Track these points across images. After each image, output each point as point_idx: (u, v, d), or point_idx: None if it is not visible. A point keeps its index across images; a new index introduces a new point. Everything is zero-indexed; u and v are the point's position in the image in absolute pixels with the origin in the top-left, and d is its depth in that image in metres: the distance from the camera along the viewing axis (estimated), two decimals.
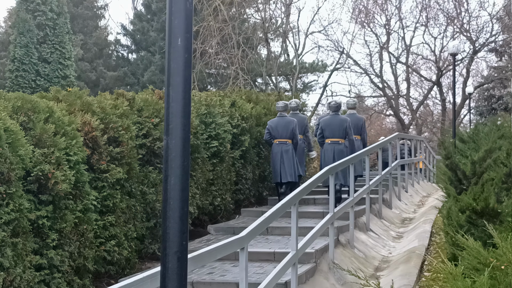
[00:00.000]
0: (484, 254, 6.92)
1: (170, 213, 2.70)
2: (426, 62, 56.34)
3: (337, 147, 16.07)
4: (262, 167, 17.54)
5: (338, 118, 16.31)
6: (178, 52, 2.76)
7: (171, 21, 2.77)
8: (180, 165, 2.73)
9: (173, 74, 2.75)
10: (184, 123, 2.75)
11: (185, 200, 2.72)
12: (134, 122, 11.96)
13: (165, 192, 2.72)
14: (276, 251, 11.58)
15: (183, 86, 2.76)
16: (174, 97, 2.75)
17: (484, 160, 10.83)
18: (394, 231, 15.93)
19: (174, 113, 2.75)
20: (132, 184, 11.54)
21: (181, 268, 2.70)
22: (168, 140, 2.74)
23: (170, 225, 2.71)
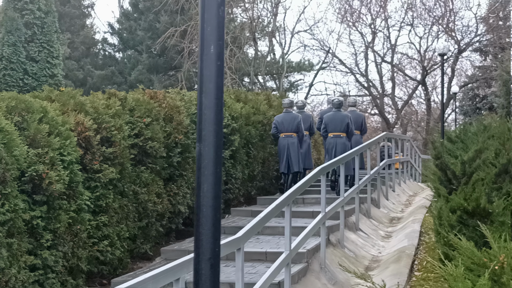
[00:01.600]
0: (478, 254, 6.95)
1: (203, 220, 2.69)
2: (411, 62, 56.56)
3: (339, 140, 17.40)
4: (251, 167, 17.55)
5: (340, 114, 17.63)
6: (210, 60, 2.75)
7: (203, 28, 2.76)
8: (213, 172, 2.72)
9: (206, 81, 2.74)
10: (217, 130, 2.74)
11: (218, 207, 2.72)
12: (126, 122, 11.94)
13: (198, 199, 2.71)
14: (268, 251, 11.59)
15: (216, 93, 2.75)
16: (206, 104, 2.74)
17: (473, 160, 10.88)
18: (383, 230, 15.97)
19: (207, 120, 2.74)
20: (124, 184, 11.54)
21: (214, 275, 2.70)
22: (201, 147, 2.73)
23: (203, 231, 2.70)
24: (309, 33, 59.23)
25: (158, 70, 40.70)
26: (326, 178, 12.57)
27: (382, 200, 18.73)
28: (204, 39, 2.76)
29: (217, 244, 2.74)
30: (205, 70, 2.75)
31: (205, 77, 2.74)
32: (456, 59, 51.93)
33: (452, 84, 51.42)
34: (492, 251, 6.81)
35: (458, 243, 7.33)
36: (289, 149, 17.48)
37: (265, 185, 18.96)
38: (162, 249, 12.54)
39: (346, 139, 17.53)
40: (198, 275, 2.71)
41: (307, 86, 51.50)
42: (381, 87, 55.93)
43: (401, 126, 57.93)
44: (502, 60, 34.73)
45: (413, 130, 60.81)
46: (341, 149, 16.98)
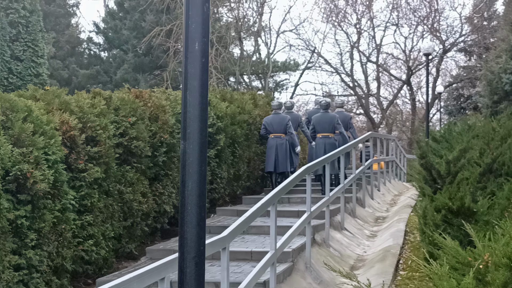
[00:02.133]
0: (462, 253, 6.95)
1: (187, 218, 2.68)
2: (396, 62, 56.68)
3: (328, 140, 17.95)
4: (237, 166, 17.54)
5: (328, 115, 18.20)
6: (195, 57, 2.73)
7: (188, 25, 2.74)
8: (197, 171, 2.71)
9: (191, 78, 2.72)
10: (201, 128, 2.73)
11: (203, 206, 2.71)
12: (111, 121, 11.90)
13: (183, 197, 2.70)
14: (253, 250, 11.59)
15: (200, 91, 2.74)
16: (191, 102, 2.72)
17: (458, 159, 10.92)
18: (368, 230, 15.99)
19: (192, 118, 2.72)
20: (109, 184, 11.50)
21: (199, 273, 2.68)
22: (185, 145, 2.72)
23: (188, 230, 2.68)
24: (294, 33, 59.42)
25: (144, 70, 40.60)
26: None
27: (367, 200, 18.76)
28: (189, 36, 2.74)
29: (202, 243, 2.73)
30: (189, 67, 2.73)
31: (190, 75, 2.72)
32: (441, 59, 52.10)
33: (437, 84, 51.57)
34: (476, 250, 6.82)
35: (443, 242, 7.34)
36: (278, 150, 17.94)
37: (250, 185, 18.95)
38: (148, 249, 12.51)
39: (335, 139, 18.03)
40: (182, 274, 2.70)
41: (293, 85, 51.58)
42: (366, 87, 56.07)
43: (386, 126, 58.06)
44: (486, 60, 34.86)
45: (398, 130, 60.93)
46: (330, 149, 17.29)
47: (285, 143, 18.09)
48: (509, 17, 29.45)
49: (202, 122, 2.73)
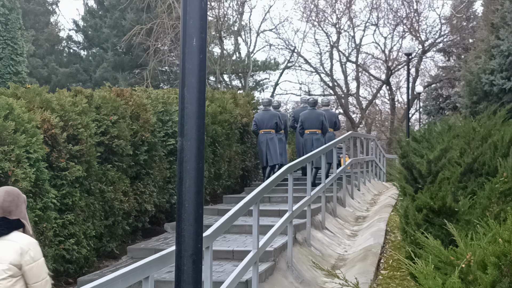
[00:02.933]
0: (445, 253, 6.97)
1: (185, 215, 2.66)
2: (376, 61, 56.81)
3: (315, 136, 18.96)
4: (218, 165, 17.51)
5: (316, 112, 19.26)
6: (193, 53, 2.71)
7: (185, 21, 2.71)
8: (195, 167, 2.69)
9: (188, 74, 2.69)
10: (199, 124, 2.70)
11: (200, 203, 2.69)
12: (92, 119, 11.85)
13: (180, 194, 2.68)
14: (235, 249, 11.58)
15: (198, 87, 2.71)
16: (189, 98, 2.70)
17: (439, 159, 10.94)
18: (349, 229, 16.03)
19: (189, 114, 2.69)
20: (91, 182, 11.46)
21: (196, 271, 2.66)
22: (183, 141, 2.69)
23: (185, 227, 2.66)
24: (274, 32, 59.48)
25: (124, 68, 40.51)
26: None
27: (347, 199, 18.80)
28: (187, 31, 2.72)
29: (200, 240, 2.71)
30: (187, 63, 2.71)
31: (188, 71, 2.70)
32: (420, 59, 52.29)
33: (416, 84, 51.72)
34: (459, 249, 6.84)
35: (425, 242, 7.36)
36: (268, 144, 18.96)
37: (231, 184, 18.94)
38: (129, 248, 12.48)
39: (321, 135, 19.03)
40: (180, 271, 2.68)
41: (273, 85, 51.57)
42: (346, 86, 56.16)
43: (365, 126, 58.20)
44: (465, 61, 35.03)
45: (377, 129, 61.09)
46: (317, 144, 18.29)
47: (274, 138, 19.08)
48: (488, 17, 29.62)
49: (199, 119, 2.71)
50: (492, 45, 27.19)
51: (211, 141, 17.09)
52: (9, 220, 5.74)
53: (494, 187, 8.78)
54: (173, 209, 15.06)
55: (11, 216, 5.77)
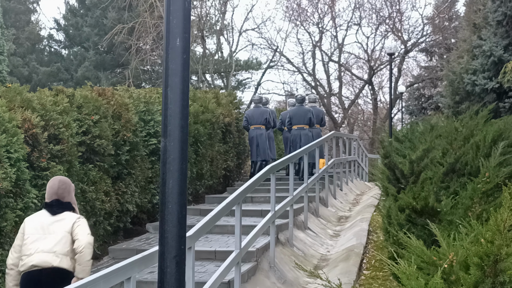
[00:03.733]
0: (427, 253, 6.99)
1: (168, 217, 2.64)
2: (358, 61, 56.91)
3: (303, 131, 19.79)
4: (200, 165, 17.49)
5: (303, 108, 20.11)
6: (176, 53, 2.70)
7: (169, 20, 2.70)
8: (178, 169, 2.68)
9: (171, 75, 2.69)
10: (183, 125, 2.70)
11: (184, 204, 2.68)
12: (74, 119, 11.81)
13: (163, 195, 2.66)
14: (217, 249, 11.57)
15: (182, 87, 2.70)
16: (172, 99, 2.69)
17: (421, 159, 10.97)
18: (331, 229, 16.05)
19: (173, 115, 2.68)
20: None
21: (179, 273, 2.65)
22: (166, 142, 2.68)
23: (168, 229, 2.65)
24: (257, 32, 59.32)
25: (105, 67, 40.38)
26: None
27: (330, 199, 18.83)
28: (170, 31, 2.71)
29: (183, 242, 2.70)
30: (170, 63, 2.70)
31: (171, 71, 2.69)
32: (402, 59, 52.41)
33: (399, 84, 51.88)
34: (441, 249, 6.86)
35: (408, 242, 7.38)
36: (258, 140, 20.01)
37: (213, 184, 18.93)
38: (110, 248, 12.44)
39: (309, 130, 19.83)
40: (163, 273, 2.67)
41: (255, 84, 51.53)
42: (328, 86, 56.16)
43: (347, 126, 58.26)
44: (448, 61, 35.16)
45: (360, 129, 61.19)
46: (305, 139, 19.34)
47: (264, 133, 20.11)
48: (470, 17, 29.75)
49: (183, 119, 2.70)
50: (474, 45, 27.30)
51: (193, 141, 17.08)
52: (62, 202, 7.59)
53: (476, 187, 8.81)
54: (155, 209, 15.03)
55: (64, 200, 7.61)
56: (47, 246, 7.26)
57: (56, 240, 7.30)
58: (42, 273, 7.20)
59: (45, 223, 7.42)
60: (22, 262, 7.31)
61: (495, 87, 25.12)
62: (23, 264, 7.29)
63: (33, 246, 7.28)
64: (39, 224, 7.43)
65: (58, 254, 7.25)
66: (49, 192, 7.65)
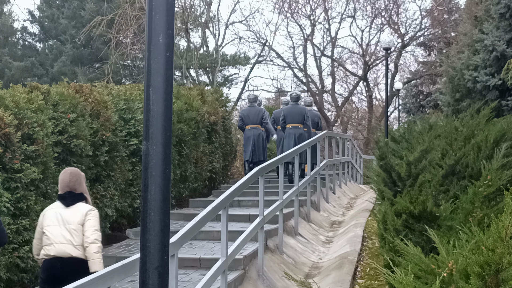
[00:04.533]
0: (425, 261, 7.01)
1: (150, 225, 2.64)
2: (352, 56, 56.95)
3: (297, 130, 20.03)
4: (184, 167, 17.49)
5: (298, 107, 20.43)
6: (159, 50, 2.69)
7: (151, 16, 2.70)
8: (161, 173, 2.68)
9: (154, 74, 2.68)
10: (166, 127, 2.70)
11: (167, 211, 2.67)
12: (49, 117, 11.79)
13: (145, 202, 2.66)
14: (202, 257, 11.58)
15: (165, 87, 2.70)
16: (155, 99, 2.69)
17: (419, 161, 10.99)
18: (324, 235, 16.07)
19: (155, 116, 2.69)
20: (47, 185, 11.39)
21: (162, 284, 2.65)
22: (148, 145, 2.68)
23: (150, 238, 2.64)
24: (244, 24, 59.20)
25: (83, 62, 40.28)
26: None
27: (322, 203, 18.86)
28: (152, 28, 2.70)
29: (166, 252, 2.69)
30: (153, 62, 2.70)
31: (153, 70, 2.69)
32: (399, 54, 52.44)
33: (395, 80, 51.84)
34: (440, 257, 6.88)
35: (405, 249, 7.39)
36: (255, 140, 20.32)
37: (198, 187, 18.94)
38: None
39: (304, 129, 19.86)
40: (144, 285, 2.66)
41: (242, 80, 51.49)
42: (320, 82, 56.20)
43: (341, 124, 58.35)
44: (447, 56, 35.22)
45: (354, 128, 61.27)
46: (299, 139, 19.55)
47: (262, 134, 20.50)
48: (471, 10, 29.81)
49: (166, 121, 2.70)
50: (476, 40, 27.35)
51: (176, 141, 17.07)
52: (74, 194, 8.39)
53: (477, 191, 8.84)
54: (135, 214, 15.02)
55: (76, 191, 8.41)
56: (65, 237, 8.13)
57: (72, 231, 8.15)
58: (61, 261, 8.09)
59: (61, 214, 8.26)
60: (43, 251, 8.22)
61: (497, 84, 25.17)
62: (44, 253, 8.20)
63: (52, 237, 8.15)
64: (56, 215, 8.27)
65: (75, 245, 8.12)
66: (61, 184, 8.45)
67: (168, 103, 2.73)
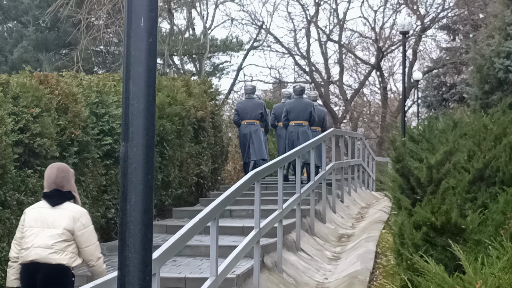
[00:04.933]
0: (449, 281, 7.03)
1: (130, 240, 2.62)
2: (364, 41, 56.87)
3: (301, 128, 20.23)
4: (166, 171, 17.48)
5: (303, 102, 20.65)
6: (140, 36, 2.67)
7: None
8: (143, 180, 2.66)
9: (134, 63, 2.66)
10: (148, 126, 2.68)
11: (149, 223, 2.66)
12: (8, 113, 11.78)
13: (124, 214, 2.63)
14: (187, 276, 11.58)
15: (147, 79, 2.69)
16: (135, 93, 2.67)
17: (442, 164, 11.01)
18: (330, 251, 16.08)
19: (136, 113, 2.67)
20: (6, 192, 11.38)
21: None
22: (127, 147, 2.66)
23: (130, 255, 2.63)
24: (237, 4, 59.38)
25: (48, 48, 40.25)
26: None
27: (328, 213, 18.87)
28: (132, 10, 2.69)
29: (148, 271, 2.69)
30: (133, 49, 2.69)
31: (133, 59, 2.68)
32: (418, 39, 52.39)
33: (414, 69, 51.77)
34: (466, 276, 6.89)
35: (425, 267, 7.41)
36: (252, 137, 20.65)
37: (183, 194, 18.92)
38: None
39: (308, 128, 20.01)
40: None
41: (235, 70, 51.51)
42: (326, 72, 56.19)
43: (350, 121, 58.35)
44: (475, 41, 35.22)
45: (365, 126, 61.25)
46: (304, 138, 19.50)
47: (259, 130, 20.86)
48: None
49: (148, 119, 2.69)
50: (508, 22, 27.35)
51: (158, 140, 17.07)
52: (62, 192, 8.54)
53: (510, 199, 8.86)
54: (110, 226, 15.01)
55: (64, 189, 8.56)
56: (46, 241, 8.27)
57: (55, 235, 8.29)
58: (40, 268, 8.26)
59: (44, 215, 8.42)
60: (21, 254, 8.40)
61: None
62: (22, 257, 8.38)
63: (32, 240, 8.32)
64: (39, 215, 8.44)
65: (57, 250, 8.26)
66: (47, 181, 8.64)
67: (150, 97, 2.72)
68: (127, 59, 2.70)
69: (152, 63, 2.72)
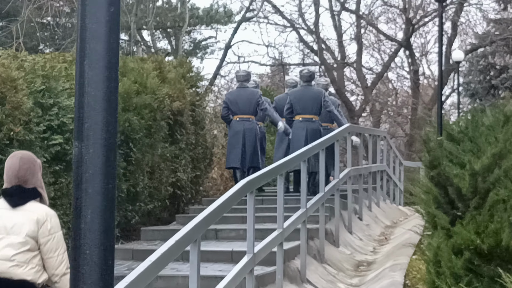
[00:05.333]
0: None
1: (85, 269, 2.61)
2: (388, 11, 56.91)
3: (310, 125, 20.26)
4: (133, 179, 17.47)
5: (312, 90, 20.75)
6: (99, 4, 2.67)
7: None
8: (102, 190, 2.66)
9: (91, 39, 2.66)
10: (109, 120, 2.68)
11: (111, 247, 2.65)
12: None
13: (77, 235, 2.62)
14: None
15: (107, 60, 2.68)
16: (92, 78, 2.66)
17: (490, 170, 11.03)
18: (345, 283, 16.09)
19: (92, 104, 2.66)
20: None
21: None
22: (81, 148, 2.66)
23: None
24: None
25: None
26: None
27: (342, 234, 18.87)
28: None
29: None
30: (89, 21, 2.68)
31: (90, 33, 2.67)
32: (460, 8, 52.42)
33: (453, 48, 51.79)
34: None
35: None
36: (245, 137, 20.49)
37: (154, 209, 18.92)
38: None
39: (320, 124, 20.05)
40: None
41: (222, 48, 51.47)
42: (340, 51, 56.22)
43: (371, 115, 58.40)
44: None
45: (390, 121, 61.27)
46: (313, 137, 19.21)
47: (255, 127, 20.82)
48: None
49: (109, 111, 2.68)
50: None
51: (122, 140, 17.05)
52: (24, 189, 8.28)
53: None
54: None
55: (27, 185, 8.29)
56: (5, 252, 8.03)
57: (16, 244, 8.03)
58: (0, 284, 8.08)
59: (3, 219, 8.18)
60: None
61: None
62: None
63: None
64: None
65: (19, 262, 8.03)
66: (7, 174, 8.37)
67: (112, 84, 2.71)
68: (82, 34, 2.69)
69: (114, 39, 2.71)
